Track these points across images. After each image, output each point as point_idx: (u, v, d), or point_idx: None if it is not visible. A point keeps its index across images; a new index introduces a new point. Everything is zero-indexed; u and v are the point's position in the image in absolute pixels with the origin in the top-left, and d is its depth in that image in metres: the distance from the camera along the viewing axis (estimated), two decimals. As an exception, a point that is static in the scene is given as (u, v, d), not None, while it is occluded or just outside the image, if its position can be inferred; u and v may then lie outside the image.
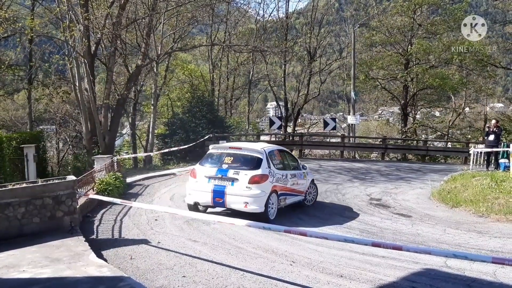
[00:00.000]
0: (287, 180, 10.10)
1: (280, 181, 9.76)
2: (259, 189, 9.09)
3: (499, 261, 4.86)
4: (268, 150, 9.96)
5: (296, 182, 10.51)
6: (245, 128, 33.81)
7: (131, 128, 31.01)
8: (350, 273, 6.39)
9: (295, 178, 10.48)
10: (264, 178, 9.23)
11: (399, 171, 19.78)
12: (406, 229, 9.51)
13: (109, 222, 8.98)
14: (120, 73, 27.95)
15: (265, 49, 29.21)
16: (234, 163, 9.50)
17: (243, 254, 7.11)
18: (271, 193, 9.37)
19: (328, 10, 36.97)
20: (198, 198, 9.56)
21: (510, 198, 11.33)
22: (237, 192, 9.11)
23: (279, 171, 9.85)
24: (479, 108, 38.39)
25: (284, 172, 10.06)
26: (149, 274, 6.10)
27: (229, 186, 9.18)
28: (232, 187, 9.15)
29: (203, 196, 9.43)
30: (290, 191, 10.23)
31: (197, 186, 9.57)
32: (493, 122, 18.14)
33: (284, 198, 10.02)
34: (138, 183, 14.05)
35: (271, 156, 9.90)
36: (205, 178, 9.46)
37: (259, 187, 9.10)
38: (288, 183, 10.13)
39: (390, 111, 45.83)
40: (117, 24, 19.89)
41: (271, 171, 9.50)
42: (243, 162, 9.53)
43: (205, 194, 9.39)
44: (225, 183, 9.24)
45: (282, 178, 9.90)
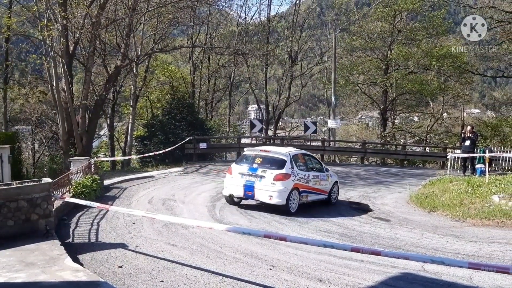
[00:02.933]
0: (309, 180, 11.57)
1: (301, 180, 11.23)
2: (281, 185, 10.64)
3: (475, 266, 4.91)
4: (293, 153, 11.53)
5: (318, 182, 11.96)
6: (226, 131, 33.72)
7: (109, 130, 30.56)
8: (329, 277, 6.39)
9: (317, 179, 11.92)
10: (286, 176, 10.76)
11: (378, 175, 19.99)
12: (384, 233, 9.59)
13: (86, 226, 8.80)
14: (98, 73, 27.56)
15: (246, 52, 29.17)
16: (263, 163, 11.12)
17: (222, 259, 7.04)
18: (293, 189, 10.86)
19: (310, 15, 37.23)
20: (232, 191, 11.21)
21: (486, 203, 11.55)
22: (263, 187, 10.70)
23: (301, 171, 11.31)
24: (456, 114, 39.06)
25: (306, 173, 11.51)
26: (126, 279, 5.99)
27: (257, 182, 10.79)
28: (260, 183, 10.75)
29: (237, 189, 11.08)
30: (312, 189, 11.70)
31: (232, 181, 11.19)
32: (469, 128, 18.49)
33: (306, 195, 11.49)
34: (115, 186, 13.82)
35: (295, 158, 11.39)
36: (238, 175, 11.11)
37: (281, 183, 10.64)
38: (310, 182, 11.60)
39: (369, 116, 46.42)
40: (96, 24, 19.58)
41: (294, 171, 11.00)
42: (270, 162, 11.12)
43: (238, 187, 11.03)
44: (254, 179, 10.87)
45: (304, 178, 11.37)
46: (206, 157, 22.81)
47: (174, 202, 11.74)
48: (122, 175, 16.78)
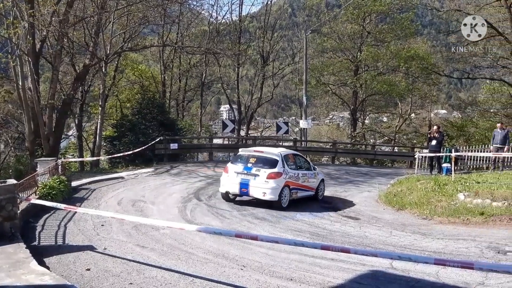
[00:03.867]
0: (299, 177, 12.43)
1: (292, 178, 12.07)
2: (274, 183, 11.49)
3: (440, 262, 5.04)
4: (284, 153, 12.36)
5: (307, 180, 12.85)
6: (198, 131, 33.52)
7: (77, 130, 29.92)
8: (300, 276, 6.43)
9: (305, 177, 12.79)
10: (278, 175, 11.60)
11: (349, 174, 20.26)
12: (354, 232, 9.72)
13: (53, 228, 8.58)
14: (66, 72, 26.97)
15: (218, 52, 29.08)
16: (256, 162, 11.93)
17: (193, 260, 6.99)
18: (284, 186, 11.72)
19: (281, 15, 37.50)
20: (229, 188, 11.98)
21: (452, 201, 11.85)
22: (258, 184, 11.53)
23: (291, 170, 12.17)
24: (424, 114, 40.02)
25: (296, 171, 12.37)
26: (94, 282, 5.87)
27: (252, 180, 11.61)
28: (254, 180, 11.58)
29: (233, 187, 11.85)
30: (301, 186, 12.58)
31: (228, 179, 11.97)
32: (435, 128, 18.96)
33: (296, 192, 12.33)
34: (84, 187, 13.54)
35: (286, 158, 12.20)
36: (234, 173, 11.89)
37: (274, 181, 11.50)
38: (300, 180, 12.47)
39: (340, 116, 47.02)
40: (64, 22, 19.14)
41: (285, 170, 11.84)
42: (264, 162, 11.92)
43: (234, 185, 11.81)
44: (249, 177, 11.68)
45: (294, 176, 12.21)
46: (177, 157, 22.61)
47: (144, 203, 11.58)
48: (91, 176, 16.45)
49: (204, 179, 16.31)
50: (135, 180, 15.58)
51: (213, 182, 15.59)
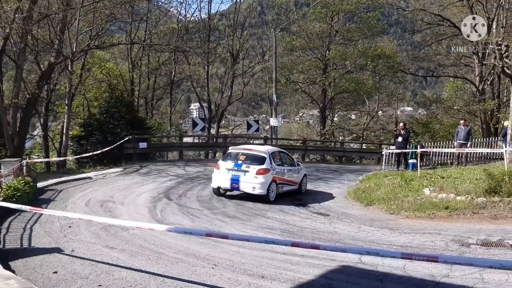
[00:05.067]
0: (284, 173, 13.31)
1: (278, 174, 12.95)
2: (263, 178, 12.32)
3: (407, 256, 5.18)
4: (271, 151, 13.25)
5: (291, 175, 13.75)
6: (167, 130, 33.18)
7: (43, 130, 29.11)
8: (271, 273, 6.48)
9: (290, 172, 13.71)
10: (267, 171, 12.43)
11: (318, 171, 20.48)
12: (324, 228, 9.85)
13: (18, 231, 8.36)
14: (31, 70, 26.21)
15: (187, 49, 28.88)
16: (246, 159, 12.73)
17: (163, 260, 6.94)
18: (272, 182, 12.56)
19: (251, 13, 37.48)
20: (220, 183, 12.74)
21: (418, 196, 12.15)
22: (247, 180, 12.34)
23: (278, 166, 13.05)
24: (390, 112, 40.81)
25: (282, 168, 13.25)
26: (62, 285, 5.76)
27: (242, 175, 12.43)
28: (245, 176, 12.39)
29: (224, 182, 12.63)
30: (286, 181, 13.46)
31: (220, 175, 12.72)
32: (401, 125, 19.39)
33: (282, 186, 13.18)
34: (50, 188, 13.22)
35: (273, 155, 13.06)
36: (225, 170, 12.65)
37: (263, 177, 12.32)
38: (285, 175, 13.36)
39: (310, 114, 47.40)
40: (28, 19, 18.63)
41: (272, 166, 12.69)
42: (253, 159, 12.73)
43: (225, 181, 12.60)
44: (239, 173, 12.48)
45: (280, 171, 13.09)
46: (146, 157, 22.31)
47: (113, 203, 11.41)
48: (57, 176, 16.07)
49: (175, 178, 16.18)
50: (103, 180, 15.31)
51: (184, 181, 15.50)
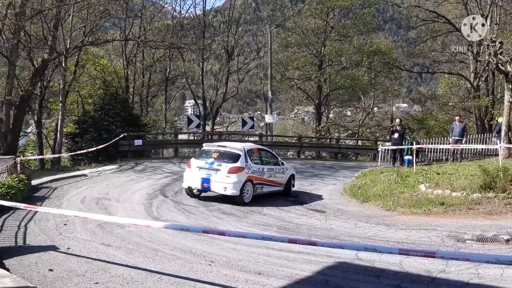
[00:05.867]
0: (264, 172, 12.26)
1: (256, 173, 11.93)
2: (235, 177, 11.30)
3: (404, 252, 5.17)
4: (248, 148, 12.21)
5: (273, 175, 12.71)
6: (162, 127, 33.06)
7: (36, 127, 28.91)
8: (268, 269, 6.46)
9: (272, 172, 12.66)
10: (240, 169, 11.42)
11: (314, 168, 20.49)
12: (320, 224, 9.85)
13: (12, 229, 8.28)
14: (24, 67, 25.98)
15: (182, 46, 28.75)
16: (219, 157, 11.74)
17: (160, 257, 6.90)
18: (246, 181, 11.54)
19: (246, 9, 37.37)
20: (191, 183, 11.85)
21: (414, 192, 12.17)
22: (219, 179, 11.34)
23: (255, 165, 12.01)
24: (386, 108, 40.94)
25: (261, 166, 12.23)
26: (58, 283, 5.70)
27: (213, 174, 11.42)
28: (216, 175, 11.39)
29: (195, 182, 11.71)
30: (267, 181, 12.42)
31: (191, 174, 11.83)
32: (397, 121, 19.44)
33: (261, 187, 12.21)
34: (45, 186, 13.13)
35: (250, 153, 12.05)
36: (196, 168, 11.73)
37: (235, 176, 11.30)
38: (265, 175, 12.31)
39: (305, 111, 47.43)
40: (21, 15, 18.46)
41: (248, 165, 11.67)
42: (226, 156, 11.75)
43: (196, 180, 11.66)
44: (211, 172, 11.49)
45: (258, 171, 12.05)
46: (142, 154, 22.22)
47: (109, 201, 11.35)
48: (52, 174, 15.96)
49: (170, 175, 16.13)
50: (98, 177, 15.23)
51: (179, 178, 15.41)
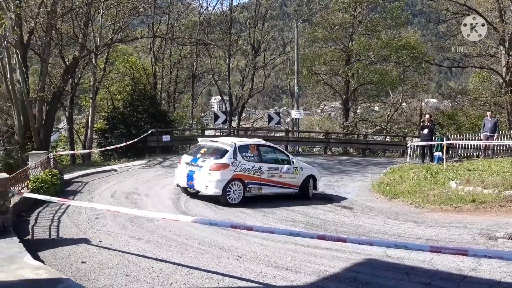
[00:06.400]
0: (261, 171, 11.16)
1: (248, 172, 10.88)
2: (218, 175, 10.40)
3: (436, 249, 5.09)
4: (240, 144, 11.19)
5: (278, 175, 11.51)
6: (189, 123, 33.38)
7: (68, 123, 29.66)
8: (295, 265, 6.45)
9: (276, 171, 11.47)
10: (224, 166, 10.52)
11: (341, 164, 20.32)
12: (348, 221, 9.77)
13: (46, 222, 8.51)
14: (56, 64, 26.62)
15: (209, 43, 28.92)
16: (206, 153, 11.08)
17: (188, 251, 6.98)
18: (232, 180, 10.57)
19: (272, 5, 37.27)
20: (178, 180, 11.26)
21: (444, 189, 11.95)
22: (201, 176, 10.57)
23: (249, 162, 10.98)
24: (415, 103, 40.20)
25: (257, 164, 11.12)
26: (90, 275, 5.84)
27: (197, 171, 10.69)
28: (199, 172, 10.63)
29: (181, 178, 11.12)
30: (267, 182, 11.30)
31: (179, 170, 11.27)
32: (427, 117, 19.08)
33: (258, 188, 11.15)
34: (76, 180, 13.44)
35: (242, 149, 11.06)
36: (184, 164, 11.15)
37: (218, 173, 10.41)
38: (263, 174, 11.20)
39: (332, 106, 47.04)
40: (52, 13, 18.89)
41: (236, 162, 10.70)
42: (213, 152, 11.00)
43: (182, 177, 11.07)
44: (195, 169, 10.77)
45: (252, 169, 10.97)
46: (169, 149, 22.49)
47: (138, 195, 11.53)
48: (83, 169, 16.34)
49: (197, 170, 16.23)
50: (128, 172, 15.49)
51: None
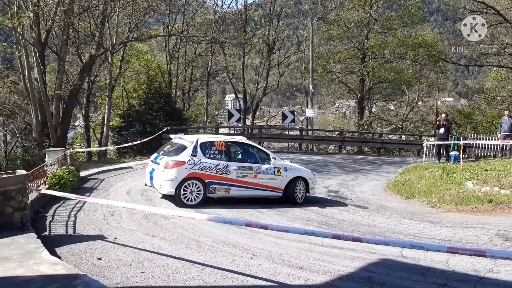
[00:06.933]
0: (229, 171, 10.30)
1: (210, 170, 10.08)
2: (171, 173, 9.81)
3: (453, 250, 5.00)
4: (204, 140, 10.46)
5: (251, 175, 10.58)
6: (204, 121, 33.51)
7: (84, 120, 30.00)
8: (310, 265, 6.43)
9: (249, 171, 10.57)
10: (178, 164, 9.86)
11: (356, 163, 20.21)
12: (363, 220, 9.71)
13: (63, 218, 8.63)
14: (72, 62, 26.95)
15: (223, 41, 28.97)
16: (168, 150, 10.66)
17: (203, 248, 7.01)
18: (188, 179, 9.88)
19: (287, 3, 37.13)
20: (145, 179, 10.89)
21: (460, 189, 11.80)
22: (158, 174, 10.06)
23: (212, 160, 10.19)
24: (431, 102, 39.80)
25: (223, 163, 10.29)
26: (106, 271, 5.90)
27: (156, 169, 10.19)
28: (157, 170, 10.11)
29: (147, 177, 10.71)
30: (237, 182, 10.41)
31: (147, 169, 10.93)
32: (443, 116, 18.83)
33: (225, 189, 10.28)
34: (92, 177, 13.60)
35: (206, 146, 10.32)
36: (150, 162, 10.83)
37: (172, 171, 9.82)
38: (231, 174, 10.31)
39: (347, 104, 46.77)
40: (69, 12, 19.13)
41: (194, 160, 9.99)
42: (173, 149, 10.49)
43: (147, 175, 10.68)
44: (155, 166, 10.31)
45: (216, 167, 10.17)
46: (184, 147, 22.57)
47: (153, 192, 11.57)
48: (99, 166, 16.52)
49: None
50: (143, 170, 15.49)
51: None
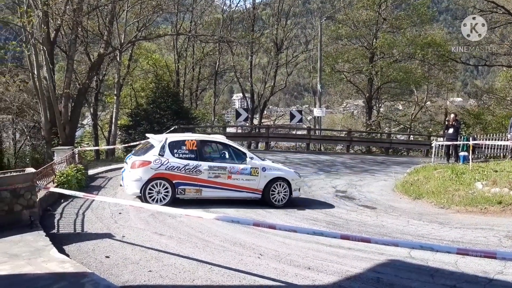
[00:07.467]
0: (199, 171, 9.93)
1: (177, 170, 9.76)
2: (136, 174, 9.61)
3: (463, 251, 4.95)
4: (172, 139, 10.12)
5: (224, 176, 10.14)
6: (211, 120, 33.55)
7: (92, 119, 30.17)
8: (317, 265, 6.40)
9: (222, 171, 10.13)
10: (143, 164, 9.64)
11: (364, 163, 20.11)
12: (371, 221, 9.65)
13: (71, 216, 8.66)
14: (81, 61, 27.11)
15: (231, 40, 28.99)
16: (138, 149, 10.66)
17: (210, 248, 7.00)
18: (154, 179, 9.60)
19: (295, 2, 37.09)
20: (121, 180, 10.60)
21: (469, 190, 11.69)
22: (126, 175, 9.97)
23: (181, 160, 9.86)
24: (440, 102, 39.52)
25: (194, 163, 9.92)
26: (114, 269, 5.91)
27: (126, 170, 10.07)
28: (126, 171, 10.04)
29: (122, 178, 10.46)
30: (208, 183, 10.01)
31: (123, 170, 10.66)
32: (452, 116, 18.67)
33: (196, 189, 9.92)
34: (100, 176, 13.64)
35: (174, 145, 9.98)
36: (125, 163, 10.50)
37: (136, 172, 9.62)
38: (202, 174, 9.94)
39: (355, 104, 46.58)
40: (78, 11, 19.22)
41: (161, 159, 9.69)
42: (143, 149, 10.38)
43: (122, 176, 10.47)
44: (125, 167, 10.27)
45: (185, 168, 9.83)
46: (191, 146, 22.60)
47: (160, 191, 11.61)
48: (107, 164, 16.58)
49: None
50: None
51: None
